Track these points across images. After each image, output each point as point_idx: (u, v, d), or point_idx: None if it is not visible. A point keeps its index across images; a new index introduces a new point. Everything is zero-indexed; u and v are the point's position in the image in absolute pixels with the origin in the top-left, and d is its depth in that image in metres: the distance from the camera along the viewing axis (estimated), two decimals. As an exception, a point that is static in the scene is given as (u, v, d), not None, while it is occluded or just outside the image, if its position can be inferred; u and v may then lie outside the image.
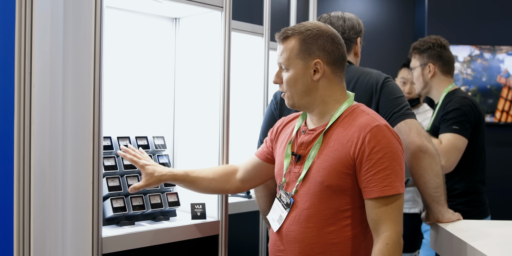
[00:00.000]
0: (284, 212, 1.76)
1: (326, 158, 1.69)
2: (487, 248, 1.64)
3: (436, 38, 2.90)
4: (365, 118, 1.70)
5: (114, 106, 2.24)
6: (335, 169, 1.66)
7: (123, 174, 2.06)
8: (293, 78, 1.74)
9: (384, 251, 1.60)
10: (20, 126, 1.67)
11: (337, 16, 2.25)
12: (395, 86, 2.07)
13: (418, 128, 1.96)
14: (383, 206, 1.63)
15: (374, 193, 1.63)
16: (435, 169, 1.94)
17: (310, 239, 1.70)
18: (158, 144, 2.22)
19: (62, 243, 1.80)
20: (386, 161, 1.63)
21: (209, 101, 2.24)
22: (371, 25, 4.69)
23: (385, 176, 1.62)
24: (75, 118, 1.80)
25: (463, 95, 2.78)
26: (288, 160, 1.80)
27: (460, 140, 2.63)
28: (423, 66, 2.86)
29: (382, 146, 1.63)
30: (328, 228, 1.68)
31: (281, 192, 1.80)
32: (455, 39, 4.56)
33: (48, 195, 1.76)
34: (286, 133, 1.89)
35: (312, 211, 1.70)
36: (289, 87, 1.75)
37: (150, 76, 2.37)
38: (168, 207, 2.13)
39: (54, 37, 1.74)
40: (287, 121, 1.94)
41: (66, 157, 1.80)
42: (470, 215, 2.52)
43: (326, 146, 1.70)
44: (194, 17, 2.35)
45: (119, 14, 2.27)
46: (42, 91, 1.71)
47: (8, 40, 1.70)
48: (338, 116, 1.73)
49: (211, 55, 2.24)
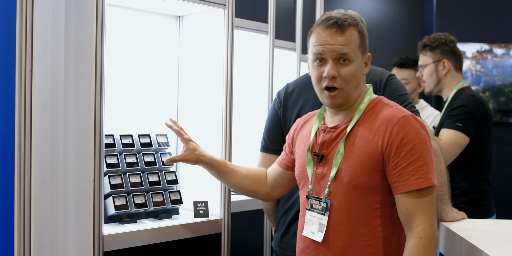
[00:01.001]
0: (323, 219, 1.65)
1: (353, 156, 1.61)
2: (490, 248, 1.62)
3: (445, 34, 2.87)
4: (390, 111, 1.64)
5: (117, 104, 2.24)
6: (363, 166, 1.59)
7: (126, 172, 2.06)
8: (355, 71, 1.64)
9: (418, 245, 1.52)
10: (21, 124, 1.68)
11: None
12: (399, 84, 2.06)
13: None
14: (415, 199, 1.55)
15: (406, 187, 1.55)
16: (439, 167, 1.92)
17: (342, 243, 1.61)
18: (161, 142, 2.22)
19: (64, 240, 1.81)
20: (417, 152, 1.56)
21: (212, 99, 2.24)
22: (379, 22, 4.67)
23: (417, 168, 1.55)
24: (77, 116, 1.80)
25: (472, 93, 2.75)
26: (310, 165, 1.72)
27: (461, 137, 2.61)
28: (437, 62, 2.82)
29: (411, 137, 1.57)
30: (360, 230, 1.60)
31: (311, 201, 1.70)
32: (464, 36, 4.52)
33: (49, 193, 1.77)
34: (303, 134, 1.82)
35: (341, 213, 1.62)
36: (347, 82, 1.63)
37: (153, 74, 2.38)
38: (170, 205, 2.13)
39: (55, 35, 1.74)
40: (302, 122, 1.87)
41: (68, 155, 1.80)
42: (474, 214, 2.50)
43: (351, 143, 1.63)
44: (198, 15, 2.34)
45: (124, 12, 2.27)
46: (43, 89, 1.71)
47: (9, 39, 1.70)
48: (363, 109, 1.66)
49: (215, 53, 2.23)
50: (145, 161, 2.12)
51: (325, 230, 1.64)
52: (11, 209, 1.71)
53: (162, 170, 2.18)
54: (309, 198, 1.70)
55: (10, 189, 1.71)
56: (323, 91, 1.66)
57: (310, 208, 1.70)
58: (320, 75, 1.65)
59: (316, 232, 1.67)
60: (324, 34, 1.64)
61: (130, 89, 2.30)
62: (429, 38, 2.89)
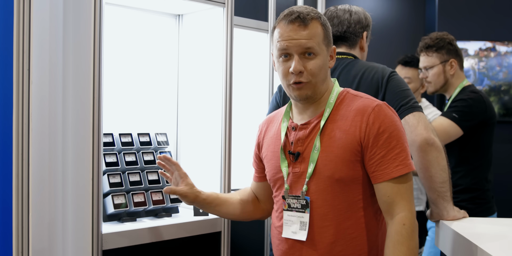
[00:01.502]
0: (304, 216, 1.63)
1: (331, 149, 1.59)
2: (490, 247, 1.61)
3: (444, 33, 2.85)
4: (362, 101, 1.63)
5: (116, 102, 2.24)
6: (343, 159, 1.58)
7: (125, 170, 2.06)
8: (321, 65, 1.62)
9: (402, 232, 1.53)
10: (18, 123, 1.68)
11: (344, 9, 2.23)
12: (401, 80, 2.05)
13: (426, 122, 1.94)
14: (396, 187, 1.55)
15: (386, 176, 1.56)
16: (442, 163, 1.92)
17: (329, 238, 1.59)
18: (161, 140, 2.22)
19: (63, 239, 1.81)
20: (393, 140, 1.57)
21: (212, 98, 2.24)
22: (381, 21, 4.65)
23: (395, 155, 1.56)
24: (75, 115, 1.80)
25: (475, 90, 2.75)
26: (285, 164, 1.68)
27: (453, 128, 2.61)
28: (444, 63, 2.81)
29: (387, 126, 1.57)
30: (345, 223, 1.59)
31: (288, 200, 1.67)
32: (466, 35, 4.50)
33: (48, 192, 1.77)
34: (269, 136, 1.78)
35: (326, 209, 1.60)
36: (314, 75, 1.61)
37: (153, 73, 2.37)
38: (170, 204, 2.12)
39: (53, 34, 1.74)
40: (266, 126, 1.83)
41: (66, 153, 1.80)
42: (475, 212, 2.48)
43: (327, 137, 1.61)
44: (197, 14, 2.34)
45: (124, 11, 2.27)
46: (40, 87, 1.71)
47: (6, 37, 1.70)
48: (333, 102, 1.65)
49: (214, 52, 2.23)
50: (144, 160, 2.12)
51: (307, 228, 1.62)
52: (9, 208, 1.71)
53: (162, 169, 2.17)
54: (285, 198, 1.67)
55: (8, 188, 1.71)
56: (289, 86, 1.64)
57: (287, 208, 1.67)
58: (287, 71, 1.62)
59: (298, 231, 1.64)
60: (288, 29, 1.60)
61: (130, 88, 2.30)
62: (430, 39, 2.85)
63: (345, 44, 2.20)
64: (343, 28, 2.19)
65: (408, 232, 1.53)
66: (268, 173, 1.75)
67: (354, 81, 2.05)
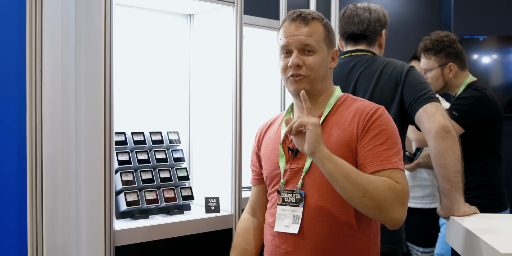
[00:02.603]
0: (298, 210, 1.65)
1: (329, 146, 1.62)
2: (501, 243, 1.60)
3: (447, 34, 2.84)
4: (361, 103, 1.69)
5: (129, 102, 2.28)
6: (341, 155, 1.59)
7: (137, 168, 2.10)
8: (320, 61, 1.67)
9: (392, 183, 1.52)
10: (32, 123, 1.73)
11: (363, 8, 2.26)
12: (419, 74, 2.11)
13: (443, 111, 1.97)
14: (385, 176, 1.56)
15: (371, 168, 1.57)
16: (456, 152, 1.93)
17: (322, 234, 1.61)
18: (173, 139, 2.25)
19: (76, 236, 1.85)
20: (384, 137, 1.59)
21: (223, 96, 2.26)
22: (397, 17, 4.63)
23: (382, 151, 1.58)
24: (87, 114, 1.84)
25: (480, 87, 2.73)
26: (283, 159, 1.71)
27: (453, 126, 2.60)
28: (442, 66, 2.80)
29: (380, 123, 1.61)
30: (340, 219, 1.62)
31: (283, 195, 1.69)
32: (483, 30, 4.46)
33: (61, 190, 1.81)
34: (269, 136, 1.81)
35: (321, 204, 1.63)
36: (313, 70, 1.66)
37: (165, 72, 2.41)
38: (182, 201, 2.15)
39: (65, 35, 1.79)
40: (266, 127, 1.86)
41: (79, 152, 1.85)
42: (486, 208, 2.47)
43: (326, 135, 1.64)
44: (208, 13, 2.37)
45: (136, 12, 2.31)
46: (53, 88, 1.76)
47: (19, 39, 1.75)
48: (333, 103, 1.70)
49: (225, 51, 2.25)
50: (156, 158, 2.16)
51: (300, 221, 1.64)
52: (24, 206, 1.76)
53: (174, 167, 2.21)
54: (280, 192, 1.69)
55: (23, 186, 1.76)
56: (288, 79, 1.69)
57: (281, 203, 1.69)
58: (286, 65, 1.68)
59: (291, 224, 1.66)
60: (290, 27, 1.68)
61: (142, 87, 2.34)
62: (430, 40, 2.83)
63: (365, 42, 2.25)
64: (363, 27, 2.23)
65: (398, 187, 1.53)
66: (265, 171, 1.77)
67: (374, 75, 2.11)
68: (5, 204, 1.82)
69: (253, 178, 1.89)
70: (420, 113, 1.98)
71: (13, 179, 1.82)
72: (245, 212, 1.90)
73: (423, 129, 1.98)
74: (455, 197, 1.97)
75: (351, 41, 2.27)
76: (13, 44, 1.81)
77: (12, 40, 1.81)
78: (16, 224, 1.81)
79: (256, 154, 1.86)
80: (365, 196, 1.49)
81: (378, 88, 2.09)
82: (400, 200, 1.53)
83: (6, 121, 1.82)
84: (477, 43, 4.46)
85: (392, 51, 4.18)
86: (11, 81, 1.82)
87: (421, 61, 2.92)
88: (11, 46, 1.82)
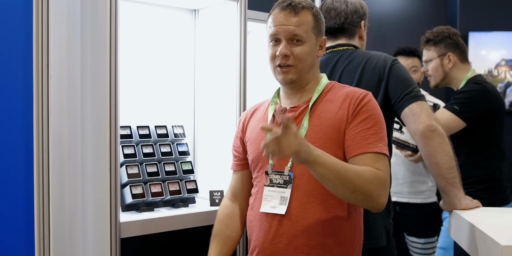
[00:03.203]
0: (286, 192, 1.66)
1: (320, 128, 1.65)
2: (499, 235, 1.61)
3: (448, 27, 2.88)
4: (350, 88, 1.73)
5: (135, 96, 2.30)
6: (331, 137, 1.64)
7: (142, 162, 2.12)
8: (308, 51, 1.70)
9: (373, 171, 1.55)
10: (38, 117, 1.75)
11: (340, 1, 2.25)
12: (403, 68, 2.08)
13: (428, 110, 1.97)
14: (369, 160, 1.59)
15: (357, 150, 1.60)
16: (446, 149, 1.94)
17: (313, 215, 1.63)
18: (177, 133, 2.27)
19: (82, 228, 1.88)
20: (371, 121, 1.63)
21: (227, 91, 2.28)
22: (402, 13, 4.63)
23: (370, 135, 1.61)
24: (93, 109, 1.86)
25: (480, 81, 2.74)
26: None
27: (454, 120, 2.61)
28: (441, 56, 2.82)
29: (368, 108, 1.65)
30: (330, 201, 1.64)
31: (270, 176, 1.70)
32: (489, 25, 4.45)
33: (68, 183, 1.84)
34: (255, 120, 1.83)
35: (311, 185, 1.64)
36: (301, 60, 1.69)
37: (170, 67, 2.43)
38: (186, 194, 2.18)
39: (71, 30, 1.81)
40: (251, 112, 1.88)
41: (85, 146, 1.87)
42: (489, 202, 2.48)
43: (316, 118, 1.68)
44: (213, 8, 2.38)
45: (142, 7, 2.33)
46: (59, 82, 1.78)
47: (26, 35, 1.77)
48: (322, 89, 1.73)
49: (230, 45, 2.27)
50: (161, 151, 2.18)
51: (288, 203, 1.65)
52: (31, 199, 1.79)
53: (178, 160, 2.23)
54: (268, 173, 1.70)
55: (30, 179, 1.79)
56: (276, 68, 1.72)
57: (269, 184, 1.70)
58: (274, 54, 1.71)
59: (278, 205, 1.66)
60: (279, 16, 1.70)
61: (147, 82, 2.36)
62: (431, 33, 2.89)
63: (345, 35, 2.23)
64: (340, 20, 2.21)
65: (379, 175, 1.55)
66: (251, 154, 1.78)
67: (356, 71, 2.09)
68: (12, 198, 1.85)
69: (235, 164, 1.89)
70: (406, 113, 1.98)
71: (21, 173, 1.84)
72: (225, 199, 1.91)
73: (410, 130, 1.99)
74: (453, 192, 2.00)
75: (331, 36, 2.25)
76: (20, 41, 1.84)
77: (18, 37, 1.84)
78: (24, 217, 1.84)
79: (240, 139, 1.87)
80: (355, 191, 1.53)
81: (362, 85, 2.06)
82: (384, 187, 1.58)
83: (13, 116, 1.85)
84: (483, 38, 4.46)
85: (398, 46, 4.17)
86: (17, 77, 1.85)
87: (423, 54, 2.95)
88: (18, 43, 1.84)
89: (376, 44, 4.35)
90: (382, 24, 4.47)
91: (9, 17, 1.84)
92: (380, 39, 4.46)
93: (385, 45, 4.47)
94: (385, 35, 4.53)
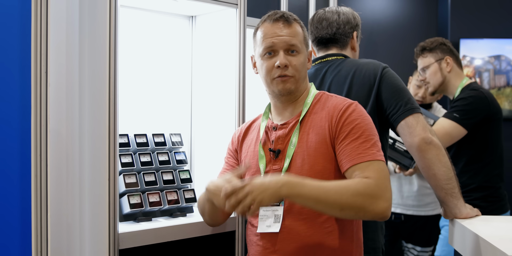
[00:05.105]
0: (279, 209, 1.68)
1: (309, 144, 1.66)
2: (504, 245, 1.61)
3: (440, 37, 2.92)
4: (335, 99, 1.73)
5: (131, 104, 2.27)
6: (320, 152, 1.64)
7: (140, 171, 2.09)
8: (303, 62, 1.74)
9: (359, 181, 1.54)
10: (36, 125, 1.72)
11: (332, 11, 2.24)
12: (395, 76, 2.06)
13: (424, 123, 1.97)
14: (361, 170, 1.57)
15: (347, 164, 1.60)
16: (443, 160, 1.93)
17: (305, 231, 1.64)
18: (175, 141, 2.24)
19: (80, 239, 1.84)
20: (358, 131, 1.62)
21: (225, 98, 2.26)
22: (393, 19, 4.64)
23: (359, 144, 1.60)
24: (92, 116, 1.83)
25: (476, 87, 2.76)
26: (263, 161, 1.74)
27: (455, 128, 2.63)
28: (439, 61, 2.84)
29: (353, 118, 1.64)
30: (322, 216, 1.64)
31: None
32: (480, 33, 4.49)
33: (65, 193, 1.80)
34: (249, 138, 1.85)
35: None
36: (298, 71, 1.71)
37: (167, 74, 2.40)
38: (185, 204, 2.15)
39: (70, 37, 1.78)
40: (245, 128, 1.90)
41: (83, 154, 1.84)
42: (488, 210, 2.48)
43: (305, 134, 1.68)
44: (210, 15, 2.36)
45: (137, 13, 2.30)
46: (58, 90, 1.75)
47: (24, 40, 1.74)
48: (310, 102, 1.73)
49: (228, 52, 2.25)
50: (159, 160, 2.15)
51: (281, 220, 1.66)
52: (28, 208, 1.75)
53: (176, 169, 2.20)
54: None
55: (27, 188, 1.75)
56: (274, 80, 1.71)
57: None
58: (271, 66, 1.70)
59: (272, 224, 1.68)
60: (273, 28, 1.71)
61: (144, 89, 2.33)
62: (425, 42, 2.95)
63: (336, 46, 2.21)
64: (332, 30, 2.19)
65: (367, 183, 1.53)
66: (248, 174, 1.78)
67: (345, 82, 2.06)
68: (8, 206, 1.81)
69: (224, 169, 1.89)
70: (402, 125, 1.97)
71: (16, 182, 1.80)
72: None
73: (406, 143, 1.98)
74: (453, 202, 1.99)
75: (322, 46, 2.24)
76: (16, 45, 1.80)
77: (14, 41, 1.80)
78: (19, 227, 1.80)
79: (236, 151, 1.87)
80: (343, 209, 1.52)
81: (351, 95, 2.04)
82: (378, 195, 1.54)
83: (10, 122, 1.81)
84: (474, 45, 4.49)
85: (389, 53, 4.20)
86: (14, 83, 1.81)
87: (418, 63, 2.95)
88: (14, 47, 1.80)
89: (367, 51, 4.36)
90: (373, 31, 4.49)
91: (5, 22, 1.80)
92: (371, 46, 4.48)
93: (376, 52, 4.48)
94: (376, 42, 4.54)
